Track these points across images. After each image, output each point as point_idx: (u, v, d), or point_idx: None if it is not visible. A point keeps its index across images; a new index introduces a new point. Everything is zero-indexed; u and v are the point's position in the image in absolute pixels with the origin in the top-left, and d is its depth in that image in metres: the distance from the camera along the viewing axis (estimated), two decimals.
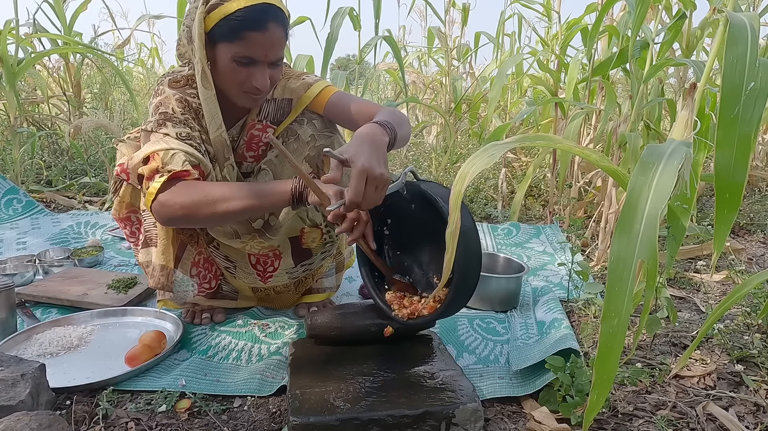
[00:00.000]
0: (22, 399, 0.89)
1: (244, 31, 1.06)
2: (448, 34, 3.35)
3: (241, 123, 1.26)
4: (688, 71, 2.18)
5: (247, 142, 1.25)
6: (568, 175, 2.43)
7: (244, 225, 1.24)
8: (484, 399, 1.08)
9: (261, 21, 1.06)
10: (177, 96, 1.15)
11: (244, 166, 1.27)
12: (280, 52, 1.12)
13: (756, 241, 2.31)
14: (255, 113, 1.25)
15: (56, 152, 3.11)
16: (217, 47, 1.10)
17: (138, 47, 4.69)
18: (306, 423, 0.89)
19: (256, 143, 1.26)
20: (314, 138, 1.24)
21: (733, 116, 0.81)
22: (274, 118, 1.26)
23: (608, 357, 0.78)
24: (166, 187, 1.06)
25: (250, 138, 1.25)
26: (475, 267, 1.03)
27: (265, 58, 1.10)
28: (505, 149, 0.88)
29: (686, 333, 1.41)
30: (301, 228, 1.29)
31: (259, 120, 1.25)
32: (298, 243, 1.31)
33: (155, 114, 1.15)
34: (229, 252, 1.32)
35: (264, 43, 1.08)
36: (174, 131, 1.12)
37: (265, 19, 1.06)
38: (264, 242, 1.26)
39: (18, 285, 1.54)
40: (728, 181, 0.83)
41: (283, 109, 1.26)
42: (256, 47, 1.08)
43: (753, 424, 1.03)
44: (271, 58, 1.10)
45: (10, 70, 2.44)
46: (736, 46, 0.84)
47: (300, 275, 1.38)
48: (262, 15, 1.06)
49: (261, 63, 1.10)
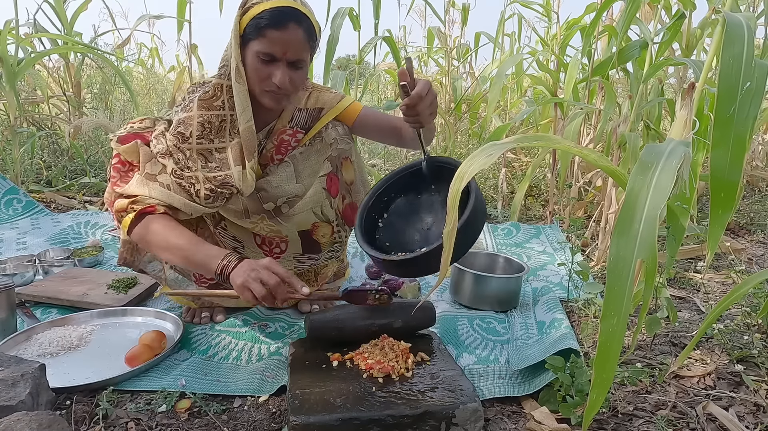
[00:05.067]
0: (22, 399, 0.89)
1: (266, 29, 1.14)
2: (448, 34, 3.35)
3: (268, 128, 1.32)
4: (688, 71, 2.18)
5: (277, 146, 1.31)
6: (568, 175, 2.44)
7: (255, 204, 1.29)
8: (484, 399, 1.08)
9: (282, 20, 1.14)
10: (201, 119, 1.22)
11: (270, 167, 1.31)
12: (301, 53, 1.18)
13: (756, 241, 2.31)
14: (287, 119, 1.32)
15: (56, 152, 3.11)
16: (248, 46, 1.18)
17: (138, 47, 4.70)
18: (306, 423, 0.89)
19: (285, 147, 1.31)
20: (336, 141, 1.34)
21: (728, 116, 0.81)
22: (305, 124, 1.33)
23: (607, 356, 0.78)
24: (136, 221, 1.19)
25: (280, 143, 1.31)
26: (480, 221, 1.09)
27: (284, 55, 1.16)
28: (503, 149, 0.88)
29: (686, 333, 1.41)
30: (313, 222, 1.33)
31: (291, 126, 1.32)
32: (309, 235, 1.35)
33: (174, 130, 1.23)
34: (236, 232, 1.35)
35: (283, 41, 1.15)
36: (171, 167, 1.20)
37: (286, 19, 1.14)
38: (273, 226, 1.31)
39: (18, 285, 1.54)
40: (723, 181, 0.83)
41: (313, 117, 1.34)
42: (275, 44, 1.15)
43: (753, 424, 1.03)
44: (290, 56, 1.17)
45: (10, 70, 2.44)
46: (732, 46, 0.84)
47: (306, 267, 1.43)
48: (283, 15, 1.14)
49: (280, 61, 1.17)
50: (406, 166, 1.23)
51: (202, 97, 1.23)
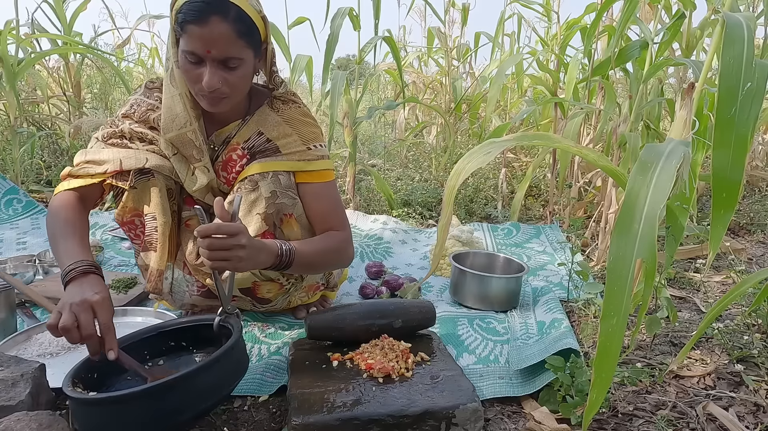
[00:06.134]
0: (22, 399, 0.89)
1: (187, 24, 0.99)
2: (447, 34, 3.35)
3: (226, 135, 1.21)
4: (688, 71, 2.18)
5: (224, 162, 1.21)
6: (568, 175, 2.44)
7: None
8: (484, 399, 1.08)
9: (202, 13, 0.97)
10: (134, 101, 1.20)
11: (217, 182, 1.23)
12: (229, 50, 1.01)
13: (756, 241, 2.31)
14: (244, 138, 1.19)
15: (56, 152, 3.11)
16: (179, 44, 1.05)
17: (138, 47, 4.69)
18: (306, 423, 0.89)
19: (231, 167, 1.20)
20: (275, 195, 1.15)
21: (729, 116, 0.81)
22: (256, 153, 1.19)
23: (607, 356, 0.78)
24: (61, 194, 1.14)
25: (228, 159, 1.20)
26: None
27: (207, 54, 1.01)
28: (502, 147, 0.88)
29: (686, 333, 1.41)
30: (253, 281, 1.23)
31: (243, 147, 1.19)
32: (253, 293, 1.27)
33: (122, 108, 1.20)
34: None
35: (204, 37, 0.98)
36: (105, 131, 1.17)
37: (206, 10, 0.97)
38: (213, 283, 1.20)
39: None
40: (725, 181, 0.83)
41: (268, 151, 1.19)
42: (197, 41, 0.99)
43: (753, 424, 1.03)
44: (215, 55, 1.01)
45: (10, 70, 2.44)
46: (732, 46, 0.84)
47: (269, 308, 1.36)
48: (203, 6, 0.97)
49: (206, 60, 1.02)
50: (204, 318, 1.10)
51: (148, 85, 1.20)
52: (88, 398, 0.85)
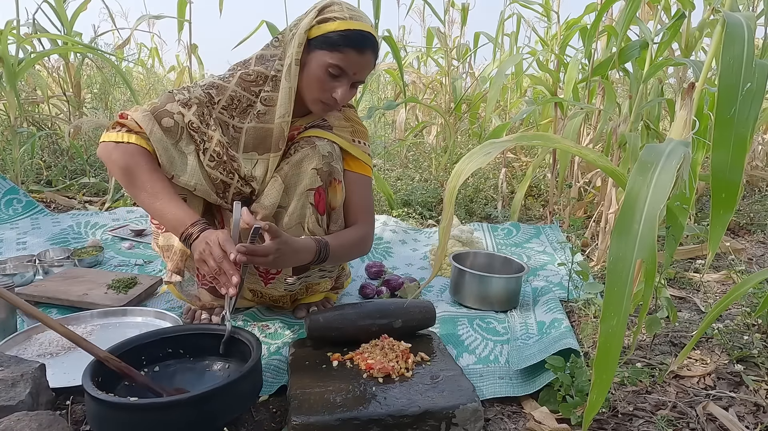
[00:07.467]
0: (22, 399, 0.89)
1: (346, 47, 1.18)
2: (447, 34, 3.35)
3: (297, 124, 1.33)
4: (688, 71, 2.18)
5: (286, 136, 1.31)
6: (567, 175, 2.44)
7: None
8: (484, 399, 1.08)
9: (363, 44, 1.19)
10: (233, 94, 1.23)
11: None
12: (365, 76, 1.25)
13: (756, 241, 2.31)
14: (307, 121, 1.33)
15: (56, 152, 3.11)
16: (312, 53, 1.20)
17: (138, 47, 4.69)
18: (306, 423, 0.89)
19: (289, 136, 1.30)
20: (331, 156, 1.27)
21: (729, 116, 0.81)
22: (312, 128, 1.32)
23: (607, 356, 0.78)
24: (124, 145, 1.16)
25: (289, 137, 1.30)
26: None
27: (354, 75, 1.22)
28: (501, 147, 0.88)
29: (686, 333, 1.41)
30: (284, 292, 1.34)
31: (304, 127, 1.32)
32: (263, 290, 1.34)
33: (206, 89, 1.22)
34: None
35: (359, 63, 1.20)
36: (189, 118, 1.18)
37: (367, 43, 1.20)
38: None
39: (18, 285, 1.54)
40: (725, 181, 0.83)
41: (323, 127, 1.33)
42: (352, 64, 1.20)
43: (753, 424, 1.03)
44: (358, 77, 1.23)
45: (10, 70, 2.44)
46: (732, 46, 0.84)
47: (296, 288, 1.37)
48: (365, 40, 1.19)
49: (348, 78, 1.21)
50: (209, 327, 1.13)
51: (244, 77, 1.24)
52: (129, 403, 0.86)
